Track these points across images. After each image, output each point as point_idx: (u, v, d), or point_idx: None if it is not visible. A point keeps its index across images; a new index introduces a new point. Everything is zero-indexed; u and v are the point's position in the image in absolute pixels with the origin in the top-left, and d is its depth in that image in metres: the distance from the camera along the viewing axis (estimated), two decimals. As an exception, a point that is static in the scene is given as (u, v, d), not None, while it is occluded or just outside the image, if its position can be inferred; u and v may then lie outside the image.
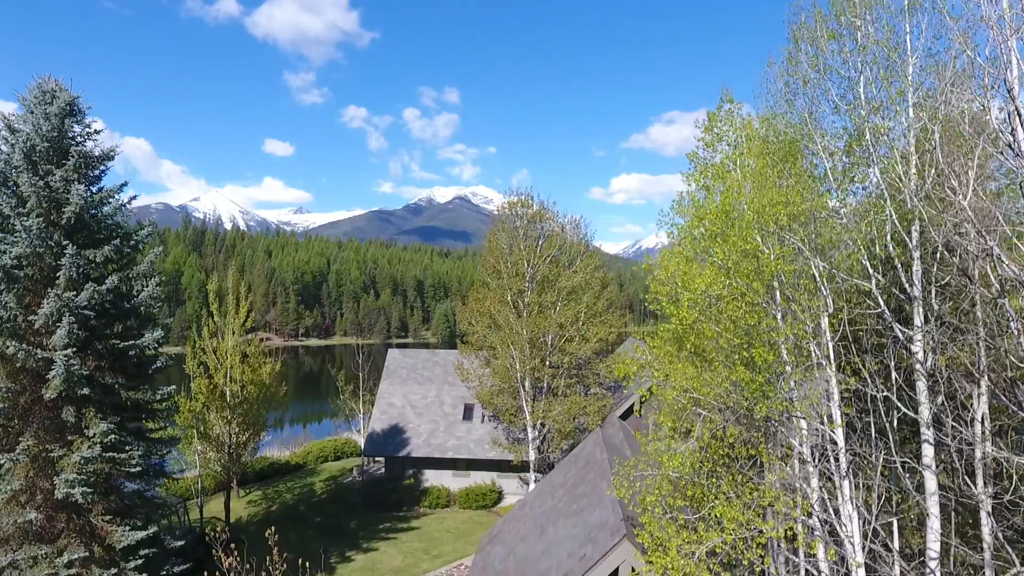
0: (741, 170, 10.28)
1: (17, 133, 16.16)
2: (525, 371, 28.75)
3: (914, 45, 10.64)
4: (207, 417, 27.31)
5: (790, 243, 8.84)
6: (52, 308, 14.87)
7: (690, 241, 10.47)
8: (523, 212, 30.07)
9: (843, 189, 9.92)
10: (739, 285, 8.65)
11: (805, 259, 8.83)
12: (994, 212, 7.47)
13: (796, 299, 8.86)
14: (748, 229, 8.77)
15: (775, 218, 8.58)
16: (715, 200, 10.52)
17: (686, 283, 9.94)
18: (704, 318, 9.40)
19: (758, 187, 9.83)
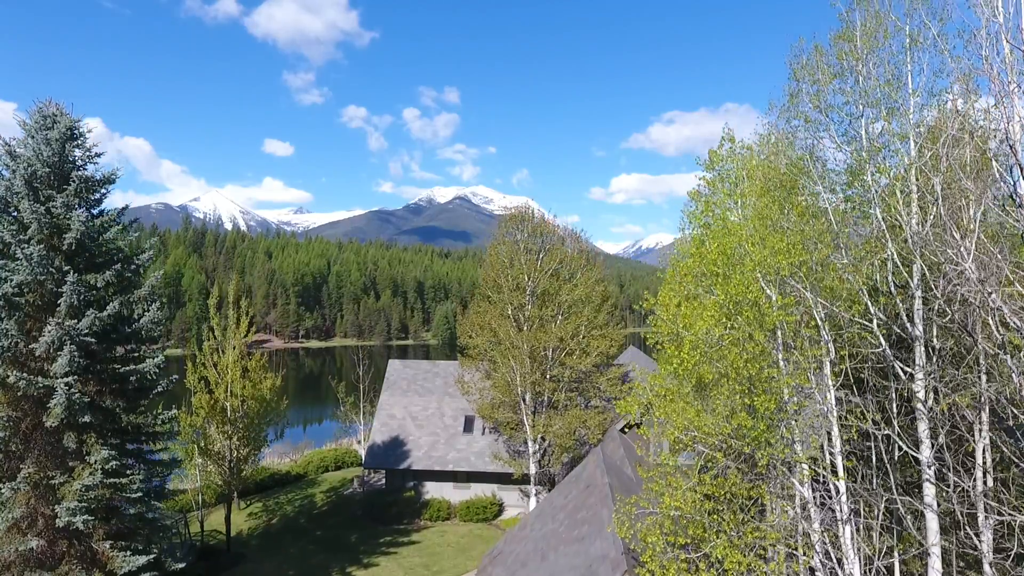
0: (742, 208, 10.27)
1: (18, 159, 16.16)
2: (526, 385, 28.75)
3: (915, 83, 10.65)
4: (208, 432, 27.31)
5: (792, 292, 8.85)
6: (53, 336, 14.87)
7: (692, 278, 10.46)
8: (523, 226, 30.07)
9: (844, 228, 9.91)
10: (741, 330, 8.65)
11: (807, 308, 8.82)
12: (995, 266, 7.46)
13: (798, 346, 8.86)
14: (751, 279, 8.76)
15: (776, 268, 8.57)
16: (717, 239, 10.49)
17: (687, 324, 9.93)
18: (705, 360, 9.39)
19: (760, 230, 9.81)
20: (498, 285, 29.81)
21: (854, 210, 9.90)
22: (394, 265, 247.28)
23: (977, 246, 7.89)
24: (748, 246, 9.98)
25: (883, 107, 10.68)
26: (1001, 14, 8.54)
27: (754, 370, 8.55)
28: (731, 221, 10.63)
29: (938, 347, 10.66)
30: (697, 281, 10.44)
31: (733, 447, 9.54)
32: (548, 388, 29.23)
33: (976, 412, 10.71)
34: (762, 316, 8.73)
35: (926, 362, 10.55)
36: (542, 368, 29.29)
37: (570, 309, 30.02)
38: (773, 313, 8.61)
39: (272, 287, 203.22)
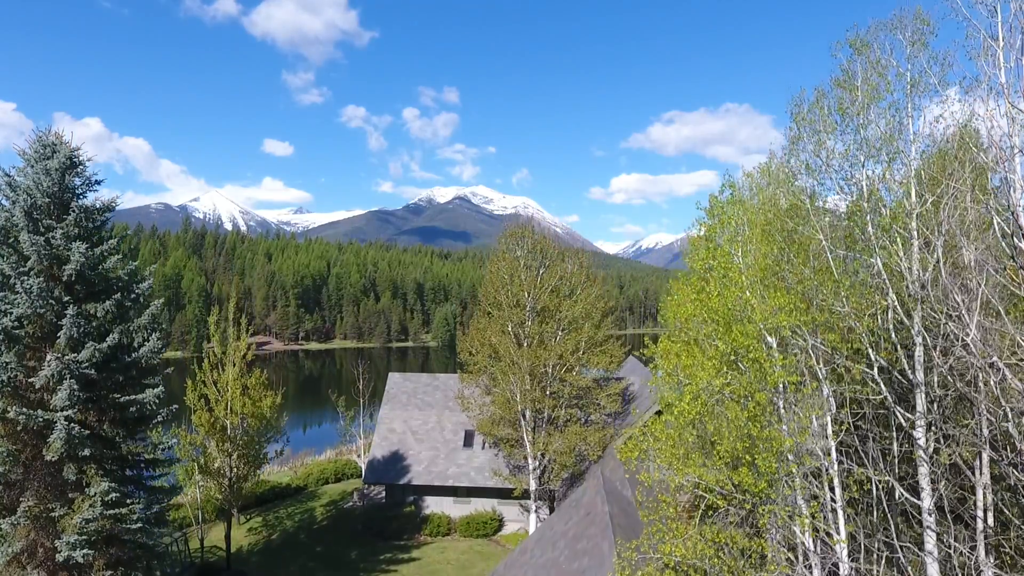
0: (744, 257, 10.26)
1: (17, 190, 16.14)
2: (526, 402, 28.74)
3: (916, 127, 10.64)
4: (207, 450, 27.30)
5: (794, 348, 8.84)
6: (53, 370, 14.85)
7: (693, 326, 10.45)
8: (523, 242, 30.05)
9: (844, 279, 9.90)
10: (742, 387, 8.64)
11: (809, 363, 8.82)
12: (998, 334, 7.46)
13: (799, 402, 8.85)
14: (754, 337, 8.76)
15: (777, 327, 8.57)
16: (718, 286, 10.47)
17: (689, 373, 9.92)
18: (707, 411, 9.39)
19: (762, 278, 9.80)
20: (498, 302, 29.79)
21: (855, 261, 9.89)
22: (394, 267, 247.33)
23: (981, 307, 7.88)
24: (749, 294, 9.96)
25: (884, 153, 10.67)
26: (1003, 70, 8.54)
27: (755, 430, 8.55)
28: (734, 264, 10.61)
29: (939, 395, 10.65)
30: (698, 328, 10.43)
31: (736, 499, 9.53)
32: (548, 405, 29.22)
33: (977, 458, 10.70)
34: (764, 375, 8.73)
35: (927, 409, 10.55)
36: (542, 385, 29.28)
37: (570, 325, 30.00)
38: (775, 372, 8.61)
39: (272, 289, 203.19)
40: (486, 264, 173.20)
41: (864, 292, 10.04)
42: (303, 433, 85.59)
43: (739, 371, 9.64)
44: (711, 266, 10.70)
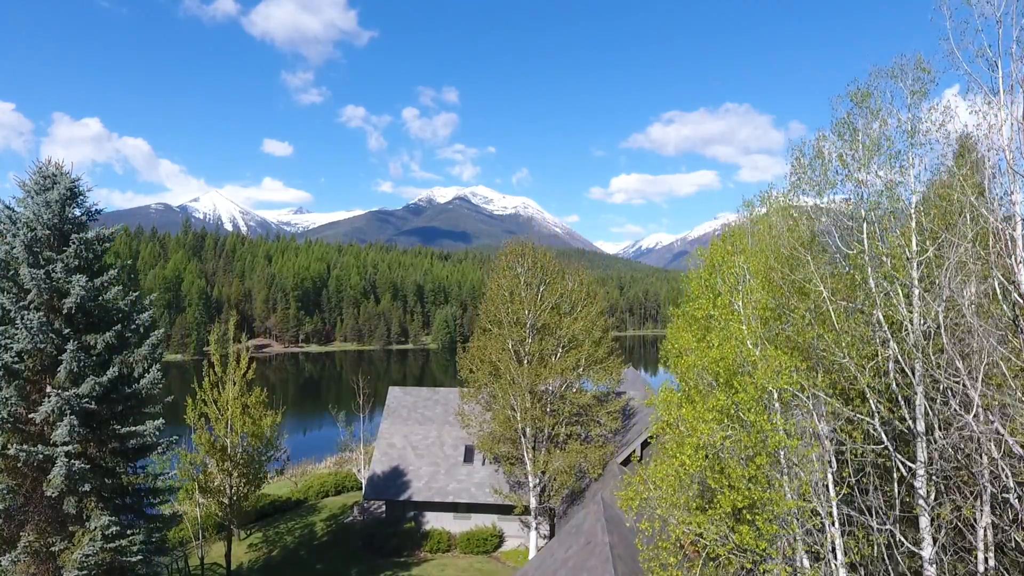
0: (744, 308, 10.25)
1: (17, 223, 16.13)
2: (526, 420, 28.74)
3: (916, 183, 10.62)
4: (207, 469, 27.31)
5: (795, 410, 8.84)
6: (53, 406, 14.84)
7: (694, 375, 10.44)
8: (523, 259, 30.04)
9: (844, 336, 9.89)
10: (743, 448, 8.64)
11: (812, 428, 8.81)
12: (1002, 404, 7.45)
13: (800, 463, 8.85)
14: (755, 399, 8.75)
15: (779, 391, 8.57)
16: (719, 335, 10.46)
17: (690, 425, 9.91)
18: (708, 467, 9.38)
19: (762, 331, 9.78)
20: (498, 319, 29.78)
21: (856, 315, 9.88)
22: (394, 268, 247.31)
23: (984, 375, 7.87)
24: (750, 344, 9.94)
25: (884, 199, 10.66)
26: (1007, 144, 8.52)
27: (756, 493, 8.55)
28: (735, 313, 10.59)
29: (940, 445, 10.64)
30: (699, 377, 10.42)
31: (737, 554, 9.52)
32: (548, 423, 29.21)
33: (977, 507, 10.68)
34: (764, 437, 8.73)
35: (927, 459, 10.55)
36: (542, 403, 29.27)
37: (570, 343, 29.99)
38: (777, 436, 8.61)
39: (272, 291, 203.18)
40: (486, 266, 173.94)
41: (865, 343, 10.03)
42: (303, 436, 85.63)
43: (740, 423, 9.63)
44: (712, 314, 10.69)
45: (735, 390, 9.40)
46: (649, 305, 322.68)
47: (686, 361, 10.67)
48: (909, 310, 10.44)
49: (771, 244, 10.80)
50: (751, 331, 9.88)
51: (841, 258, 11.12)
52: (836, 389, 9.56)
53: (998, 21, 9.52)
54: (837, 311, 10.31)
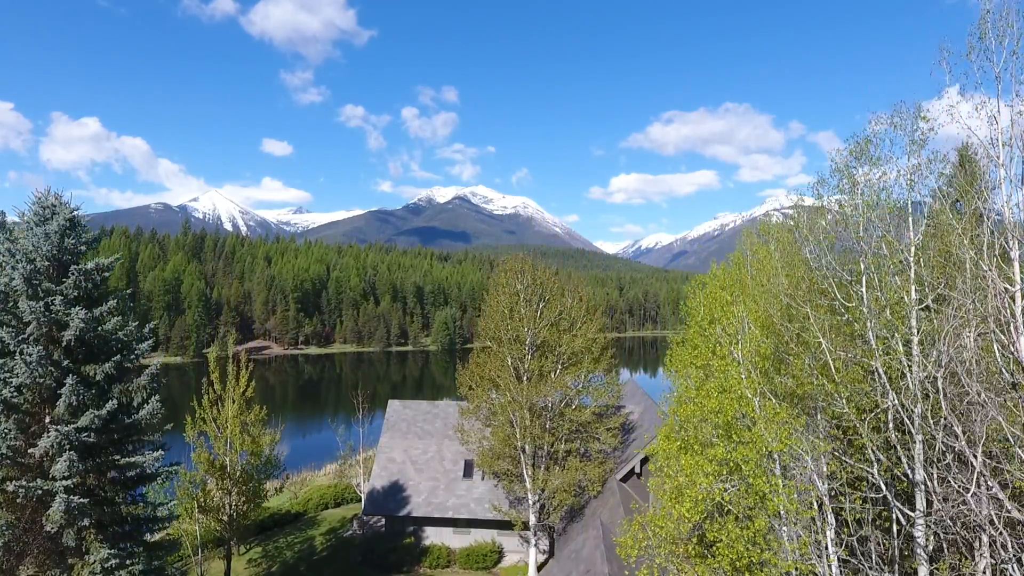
0: (744, 358, 10.25)
1: (16, 255, 16.12)
2: (525, 438, 28.75)
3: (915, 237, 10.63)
4: (207, 487, 27.32)
5: (794, 471, 8.85)
6: (52, 442, 14.84)
7: (693, 426, 10.45)
8: (523, 276, 30.03)
9: (843, 389, 9.90)
10: (742, 507, 8.64)
11: (813, 493, 8.82)
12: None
13: (800, 519, 8.86)
14: (754, 462, 8.76)
15: (780, 454, 8.58)
16: (720, 386, 10.46)
17: (689, 476, 9.92)
18: (707, 518, 9.38)
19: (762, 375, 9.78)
20: (498, 337, 29.78)
21: (854, 368, 9.89)
22: (393, 270, 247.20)
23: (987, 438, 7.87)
24: (749, 394, 9.95)
25: (883, 247, 10.66)
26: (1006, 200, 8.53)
27: (756, 555, 8.56)
28: (733, 362, 10.60)
29: (939, 493, 10.65)
30: (698, 427, 10.43)
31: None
32: (548, 441, 29.22)
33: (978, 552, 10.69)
34: (763, 499, 8.74)
35: (925, 507, 10.55)
36: (541, 421, 29.28)
37: (570, 360, 29.99)
38: (776, 498, 8.62)
39: (272, 293, 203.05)
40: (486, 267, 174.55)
41: (865, 396, 10.05)
42: (303, 439, 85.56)
43: (740, 475, 9.63)
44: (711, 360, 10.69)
45: (735, 443, 9.40)
46: (649, 306, 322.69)
47: (685, 409, 10.67)
48: (908, 360, 10.45)
49: (771, 290, 10.81)
50: (751, 382, 9.88)
51: (841, 305, 11.13)
52: (837, 440, 9.58)
53: (997, 77, 9.54)
54: (836, 361, 10.32)
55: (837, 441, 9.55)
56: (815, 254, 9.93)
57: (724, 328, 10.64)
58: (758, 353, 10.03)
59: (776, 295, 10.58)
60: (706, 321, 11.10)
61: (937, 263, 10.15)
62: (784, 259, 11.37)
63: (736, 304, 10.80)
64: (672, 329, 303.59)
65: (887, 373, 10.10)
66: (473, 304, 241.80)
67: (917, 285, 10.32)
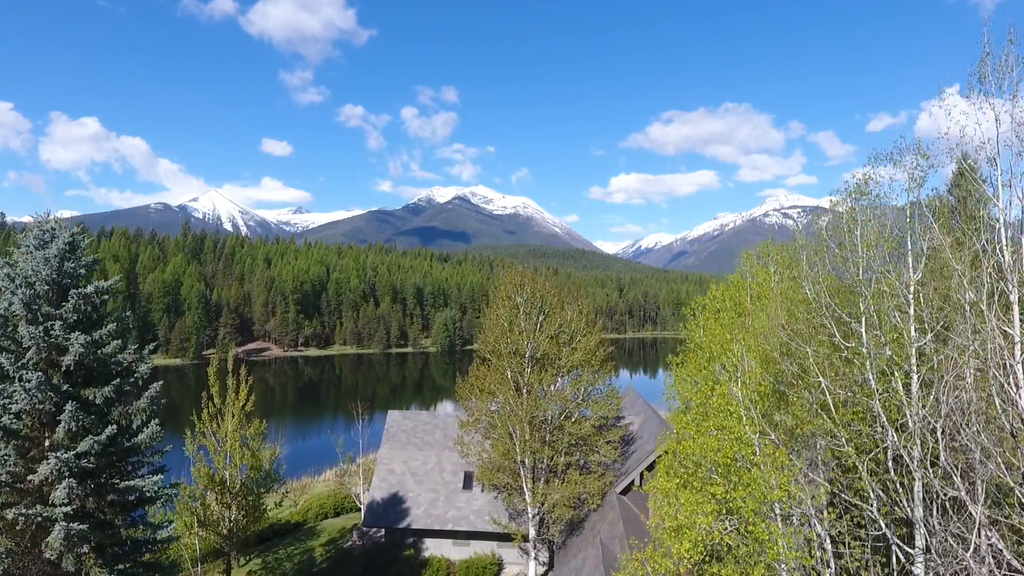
0: (744, 399, 10.25)
1: (15, 280, 16.12)
2: (525, 452, 28.75)
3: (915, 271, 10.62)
4: (206, 501, 27.32)
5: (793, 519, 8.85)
6: (52, 469, 14.84)
7: (692, 464, 10.45)
8: (523, 289, 30.04)
9: (843, 428, 9.90)
10: (742, 556, 8.65)
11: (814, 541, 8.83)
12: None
13: (800, 566, 8.87)
14: (753, 511, 8.76)
15: (779, 501, 8.58)
16: (718, 425, 10.46)
17: (689, 514, 9.92)
18: (708, 564, 9.39)
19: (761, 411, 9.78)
20: (498, 350, 29.79)
21: (856, 408, 9.89)
22: (393, 271, 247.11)
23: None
24: (749, 435, 9.94)
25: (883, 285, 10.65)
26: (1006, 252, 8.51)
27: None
28: (734, 400, 10.60)
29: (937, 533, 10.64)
30: (697, 466, 10.43)
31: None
32: (547, 454, 29.23)
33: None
34: (763, 548, 8.75)
35: (925, 546, 10.55)
36: (541, 434, 29.28)
37: (570, 373, 30.00)
38: (776, 546, 8.63)
39: (271, 295, 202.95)
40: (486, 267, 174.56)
41: (866, 437, 10.05)
42: (302, 442, 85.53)
43: (739, 515, 9.63)
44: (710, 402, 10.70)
45: (733, 483, 9.41)
46: (649, 307, 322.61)
47: (685, 447, 10.67)
48: (908, 397, 10.45)
49: (770, 328, 10.81)
50: (750, 421, 9.89)
51: (841, 342, 11.13)
52: (836, 483, 9.58)
53: (997, 119, 9.56)
54: (836, 400, 10.32)
55: (836, 483, 9.55)
56: (815, 291, 9.93)
57: (724, 365, 10.66)
58: (758, 392, 10.03)
59: (775, 333, 10.59)
60: (705, 359, 11.11)
61: (937, 301, 10.15)
62: (783, 290, 11.38)
63: (736, 342, 10.81)
64: (672, 330, 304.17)
65: (886, 412, 10.11)
66: (473, 305, 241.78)
67: (917, 323, 10.32)
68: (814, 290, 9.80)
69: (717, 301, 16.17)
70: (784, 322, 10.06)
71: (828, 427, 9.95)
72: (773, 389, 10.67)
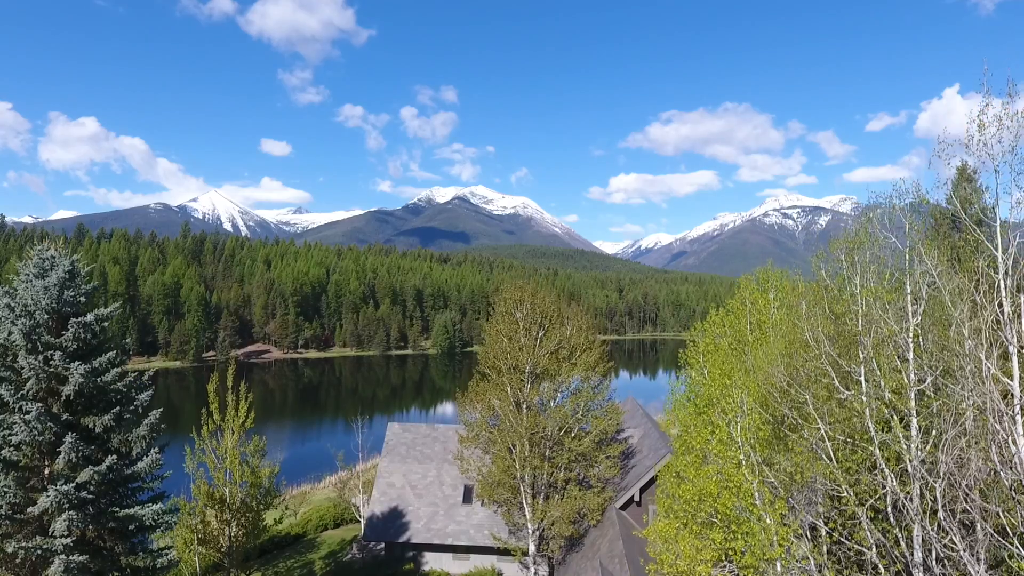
0: (743, 440, 10.26)
1: (16, 310, 16.11)
2: (525, 469, 28.75)
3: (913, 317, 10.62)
4: (206, 517, 27.28)
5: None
6: (51, 502, 14.84)
7: (692, 507, 10.45)
8: (523, 305, 30.05)
9: (842, 469, 9.91)
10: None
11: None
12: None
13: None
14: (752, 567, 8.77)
15: (780, 558, 8.59)
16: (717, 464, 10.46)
17: (691, 564, 9.92)
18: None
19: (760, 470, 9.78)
20: (497, 368, 29.79)
21: (855, 452, 9.90)
22: (393, 273, 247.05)
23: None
24: (748, 480, 9.95)
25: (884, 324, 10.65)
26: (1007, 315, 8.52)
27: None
28: (734, 442, 10.60)
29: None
30: (696, 506, 10.43)
31: None
32: (547, 470, 29.23)
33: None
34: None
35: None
36: (540, 450, 29.28)
37: (569, 388, 30.02)
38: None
39: (271, 297, 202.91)
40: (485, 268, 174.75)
41: (862, 479, 10.07)
42: (302, 446, 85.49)
43: (738, 563, 9.64)
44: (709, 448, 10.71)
45: (733, 532, 9.42)
46: (648, 308, 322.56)
47: (685, 490, 10.68)
48: (907, 440, 10.46)
49: (770, 372, 10.81)
50: (749, 467, 9.90)
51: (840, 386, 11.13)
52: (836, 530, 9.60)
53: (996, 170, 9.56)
54: (835, 445, 10.33)
55: (837, 531, 9.56)
56: (815, 337, 9.95)
57: (723, 409, 10.67)
58: (757, 438, 10.04)
59: (775, 376, 10.60)
60: (703, 403, 11.12)
61: (935, 347, 10.16)
62: (782, 332, 11.38)
63: (735, 387, 10.81)
64: (672, 331, 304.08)
65: (885, 459, 10.11)
66: (473, 307, 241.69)
67: (916, 368, 10.33)
68: (814, 336, 9.81)
69: (717, 327, 16.15)
70: (783, 367, 10.07)
71: (828, 473, 9.96)
72: (774, 430, 10.68)
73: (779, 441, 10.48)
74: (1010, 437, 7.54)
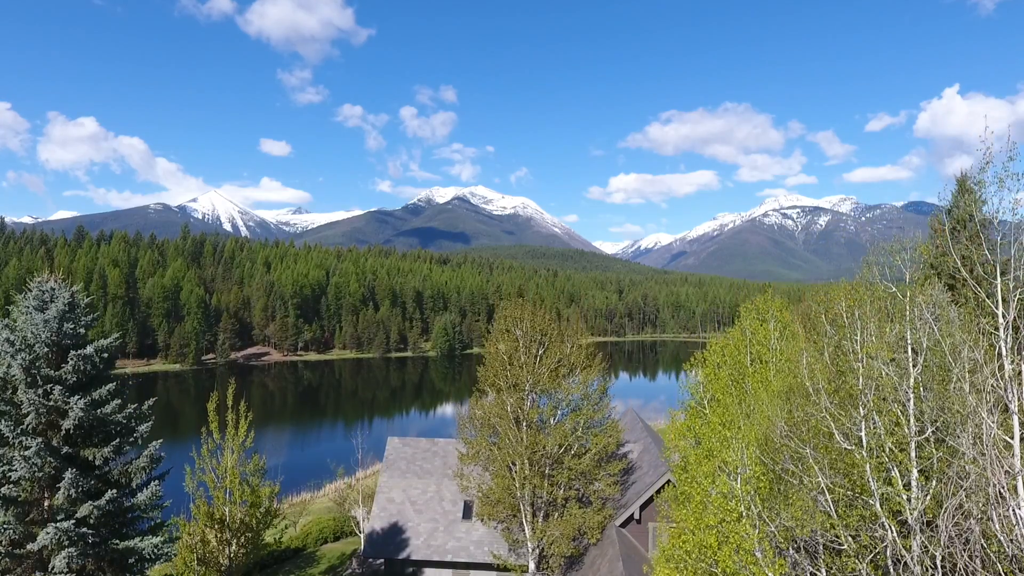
0: (743, 489, 10.25)
1: (16, 344, 16.09)
2: (525, 488, 28.75)
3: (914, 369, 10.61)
4: (205, 536, 27.27)
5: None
6: (50, 539, 14.83)
7: (692, 560, 10.44)
8: (522, 322, 30.04)
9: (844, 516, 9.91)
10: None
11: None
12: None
13: None
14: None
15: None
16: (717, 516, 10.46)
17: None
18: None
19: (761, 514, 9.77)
20: (497, 386, 29.79)
21: (856, 504, 9.91)
22: (393, 274, 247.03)
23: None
24: (750, 536, 9.94)
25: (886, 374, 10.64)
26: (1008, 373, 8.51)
27: None
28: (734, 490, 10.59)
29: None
30: (696, 560, 10.43)
31: None
32: (547, 489, 29.23)
33: None
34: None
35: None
36: (541, 469, 29.28)
37: (568, 405, 30.02)
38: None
39: (271, 299, 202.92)
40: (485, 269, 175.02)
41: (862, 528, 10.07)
42: (301, 452, 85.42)
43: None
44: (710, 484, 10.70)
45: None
46: (648, 309, 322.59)
47: (687, 541, 10.68)
48: (907, 492, 10.45)
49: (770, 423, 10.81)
50: (750, 520, 9.90)
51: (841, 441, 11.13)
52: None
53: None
54: (836, 496, 10.33)
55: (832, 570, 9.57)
56: (815, 389, 9.95)
57: (723, 462, 10.66)
58: (758, 491, 10.04)
59: (774, 427, 10.61)
60: (703, 454, 11.13)
61: (935, 401, 10.15)
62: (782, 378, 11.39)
63: (735, 439, 10.81)
64: (672, 332, 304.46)
65: (886, 512, 10.11)
66: (473, 309, 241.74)
67: (916, 421, 10.32)
68: (814, 387, 9.82)
69: (716, 354, 16.14)
70: (783, 420, 10.07)
71: (828, 528, 9.96)
72: (774, 481, 10.68)
73: (779, 493, 10.48)
74: (1011, 509, 7.54)
